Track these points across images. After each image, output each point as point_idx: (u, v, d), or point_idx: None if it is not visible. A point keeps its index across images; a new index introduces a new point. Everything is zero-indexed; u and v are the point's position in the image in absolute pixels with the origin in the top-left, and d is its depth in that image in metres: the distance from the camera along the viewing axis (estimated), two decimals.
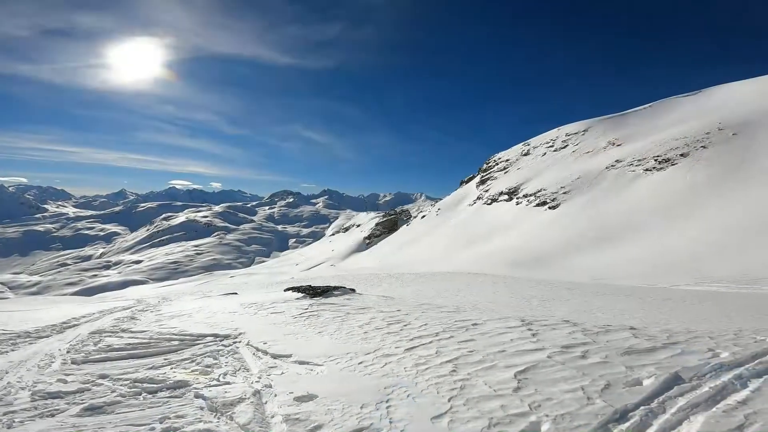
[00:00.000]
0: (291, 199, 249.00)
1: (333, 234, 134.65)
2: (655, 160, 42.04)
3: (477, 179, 73.63)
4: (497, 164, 72.15)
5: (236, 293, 14.86)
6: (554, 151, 63.01)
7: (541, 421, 2.79)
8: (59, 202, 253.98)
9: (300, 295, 10.01)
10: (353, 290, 10.72)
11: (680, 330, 5.01)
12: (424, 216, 77.46)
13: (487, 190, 64.33)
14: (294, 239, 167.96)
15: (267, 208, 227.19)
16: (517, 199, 54.11)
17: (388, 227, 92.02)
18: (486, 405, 3.10)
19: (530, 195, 51.71)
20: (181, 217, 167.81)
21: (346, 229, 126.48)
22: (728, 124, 41.29)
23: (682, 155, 40.51)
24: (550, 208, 45.83)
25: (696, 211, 31.47)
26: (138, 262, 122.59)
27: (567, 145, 61.78)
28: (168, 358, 5.02)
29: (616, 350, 4.08)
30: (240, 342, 5.69)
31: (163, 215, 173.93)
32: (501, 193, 58.70)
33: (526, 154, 68.67)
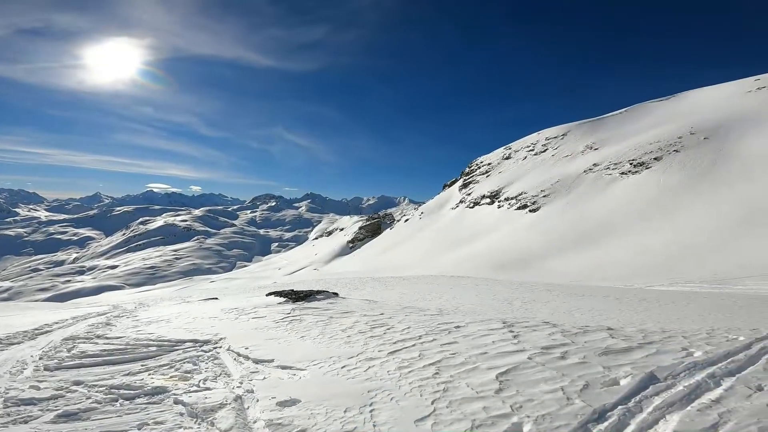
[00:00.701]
0: (273, 203, 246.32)
1: (316, 238, 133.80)
2: (631, 164, 43.26)
3: (460, 183, 74.36)
4: (479, 168, 73.08)
5: (217, 298, 14.60)
6: (535, 154, 64.20)
7: (522, 422, 2.83)
8: (31, 206, 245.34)
9: (282, 299, 9.90)
10: (336, 294, 10.66)
11: (655, 330, 5.15)
12: (407, 220, 77.73)
13: (469, 194, 65.04)
14: (276, 243, 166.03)
15: (249, 212, 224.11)
16: (498, 202, 54.86)
17: (371, 231, 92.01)
18: (469, 407, 3.13)
19: (512, 198, 52.50)
20: (159, 221, 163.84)
21: (330, 233, 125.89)
22: (700, 129, 42.84)
23: (656, 159, 41.81)
24: (530, 211, 46.60)
25: (670, 214, 32.50)
26: (113, 267, 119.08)
27: (547, 149, 63.03)
28: (145, 364, 4.90)
29: (594, 351, 4.17)
30: (221, 347, 5.59)
31: (140, 219, 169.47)
32: (483, 197, 59.42)
33: (507, 158, 69.76)
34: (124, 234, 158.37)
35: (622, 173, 42.86)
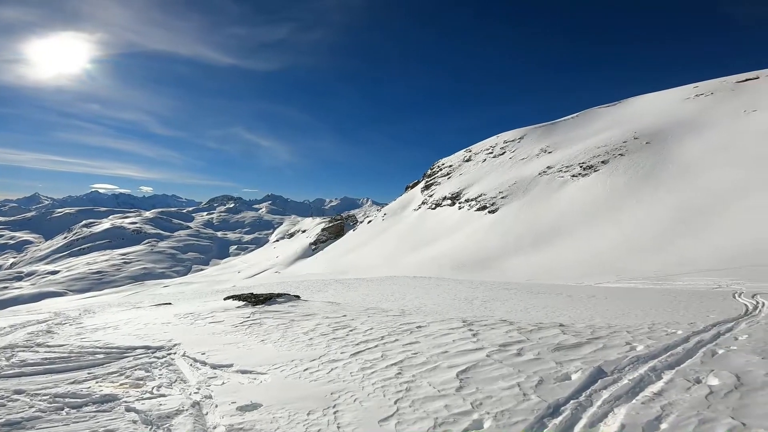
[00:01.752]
0: (232, 205, 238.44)
1: (277, 240, 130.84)
2: (581, 167, 45.59)
3: (422, 184, 75.35)
4: (441, 170, 74.38)
5: (170, 303, 13.97)
6: (493, 157, 66.17)
7: (483, 419, 2.91)
8: None
9: (241, 303, 9.64)
10: (298, 297, 10.52)
11: (602, 325, 5.47)
12: (370, 221, 77.82)
13: (431, 195, 66.04)
14: (235, 246, 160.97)
15: (205, 213, 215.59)
16: (459, 203, 56.08)
17: (334, 232, 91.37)
18: (431, 405, 3.19)
19: (472, 200, 53.84)
20: (105, 224, 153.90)
21: (291, 235, 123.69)
22: (642, 133, 45.87)
23: (603, 162, 44.31)
24: (489, 212, 47.99)
25: (616, 215, 34.54)
26: (54, 272, 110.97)
27: (505, 152, 65.15)
28: (92, 372, 4.64)
29: (548, 347, 4.37)
30: (175, 353, 5.37)
31: (84, 221, 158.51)
32: (444, 198, 60.54)
33: (467, 160, 71.46)
34: (65, 237, 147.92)
35: (573, 176, 45.09)
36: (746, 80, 48.66)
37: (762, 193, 27.29)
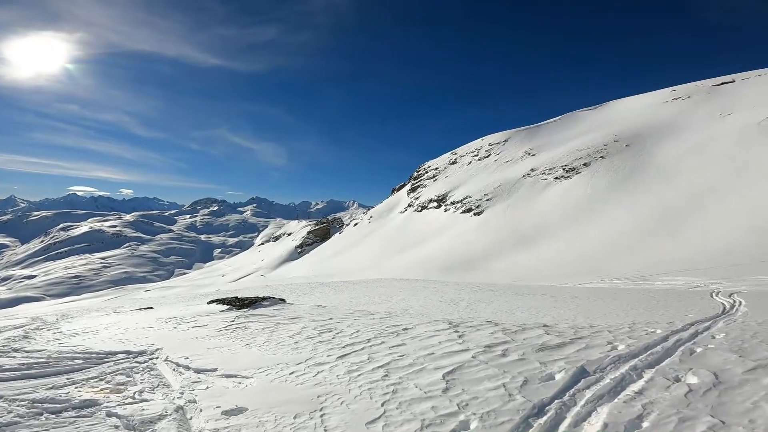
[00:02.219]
0: (215, 207, 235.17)
1: (262, 243, 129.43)
2: (563, 169, 46.39)
3: (408, 187, 75.58)
4: (427, 172, 74.75)
5: (152, 308, 13.68)
6: (479, 160, 66.81)
7: (469, 419, 2.93)
8: None
9: (225, 307, 9.50)
10: (283, 300, 10.43)
11: (585, 325, 5.56)
12: (356, 224, 77.68)
13: (417, 198, 66.30)
14: (219, 249, 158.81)
15: (188, 216, 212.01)
16: (445, 206, 56.43)
17: (320, 235, 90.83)
18: (418, 407, 3.19)
19: (457, 202, 54.24)
20: (83, 227, 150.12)
21: (277, 238, 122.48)
22: (622, 137, 46.94)
23: (585, 165, 45.17)
24: (475, 214, 48.41)
25: (597, 216, 35.22)
26: (31, 277, 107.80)
27: (490, 155, 65.86)
28: (71, 377, 4.53)
29: (532, 347, 4.42)
30: (157, 358, 5.27)
31: (62, 225, 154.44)
32: (431, 201, 60.84)
33: (453, 163, 71.99)
34: (42, 241, 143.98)
35: (556, 178, 45.84)
36: (722, 84, 50.25)
37: (737, 194, 28.18)
